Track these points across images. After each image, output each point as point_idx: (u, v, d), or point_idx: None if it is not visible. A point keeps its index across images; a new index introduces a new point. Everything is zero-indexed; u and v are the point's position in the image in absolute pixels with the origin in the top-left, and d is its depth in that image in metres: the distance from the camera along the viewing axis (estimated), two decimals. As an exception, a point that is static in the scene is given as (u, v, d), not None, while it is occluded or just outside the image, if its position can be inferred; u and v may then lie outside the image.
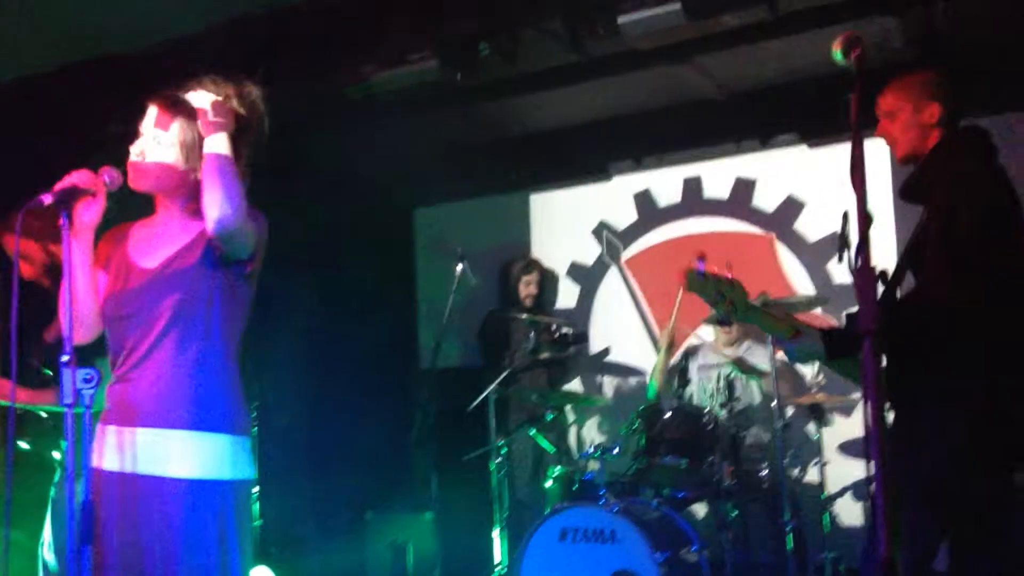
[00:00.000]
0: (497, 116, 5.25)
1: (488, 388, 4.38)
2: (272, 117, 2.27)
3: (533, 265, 5.14)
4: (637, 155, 5.46)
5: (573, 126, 5.35)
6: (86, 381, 1.90)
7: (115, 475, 2.03)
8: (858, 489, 4.54)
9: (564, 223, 5.66)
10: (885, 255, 4.29)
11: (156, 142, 2.14)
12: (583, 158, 5.49)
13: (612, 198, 5.54)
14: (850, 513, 4.58)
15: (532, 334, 4.71)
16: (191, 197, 2.16)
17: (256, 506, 4.77)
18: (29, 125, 4.40)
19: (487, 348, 5.07)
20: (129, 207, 2.23)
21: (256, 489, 4.76)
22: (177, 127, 2.14)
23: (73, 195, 1.99)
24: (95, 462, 1.98)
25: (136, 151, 2.15)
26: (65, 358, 1.91)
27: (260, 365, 4.69)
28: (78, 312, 2.04)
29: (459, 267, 4.49)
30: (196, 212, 2.15)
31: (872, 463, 1.70)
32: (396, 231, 6.01)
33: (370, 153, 5.22)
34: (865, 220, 1.92)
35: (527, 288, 5.03)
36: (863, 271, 1.85)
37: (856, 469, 4.57)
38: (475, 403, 4.47)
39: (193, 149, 2.14)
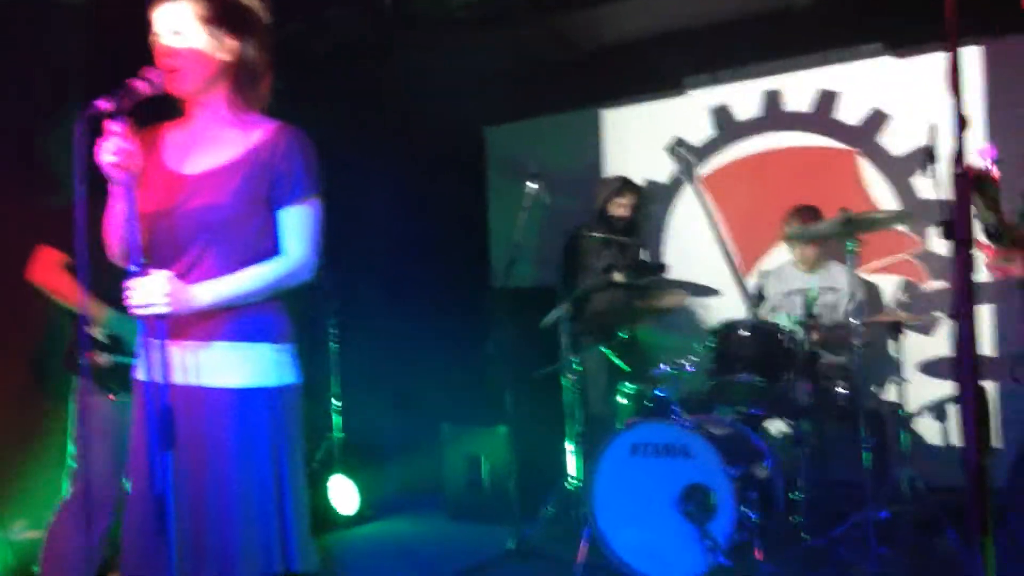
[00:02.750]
0: (569, 30, 5.13)
1: (562, 306, 4.39)
2: (343, 40, 2.21)
3: (628, 187, 4.90)
4: (713, 68, 5.31)
5: (646, 38, 5.21)
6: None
7: (177, 388, 2.01)
8: (937, 408, 4.47)
9: (637, 139, 5.57)
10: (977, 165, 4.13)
11: (175, 34, 2.02)
12: (657, 72, 5.35)
13: (687, 113, 5.41)
14: (929, 432, 4.51)
15: (609, 256, 4.66)
16: (229, 91, 2.08)
17: (338, 419, 4.93)
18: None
19: (567, 266, 5.02)
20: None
21: (339, 403, 4.92)
22: (189, 8, 2.02)
23: (131, 96, 1.91)
24: (145, 375, 1.97)
25: (161, 52, 2.02)
26: (134, 266, 1.91)
27: (339, 284, 4.79)
28: (125, 229, 1.99)
29: (531, 186, 4.45)
30: (237, 112, 2.09)
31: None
32: (468, 151, 5.99)
33: (441, 72, 5.18)
34: (962, 124, 1.84)
35: (619, 210, 4.86)
36: (959, 178, 1.78)
37: (936, 388, 4.49)
38: (548, 320, 4.49)
39: (217, 24, 2.02)
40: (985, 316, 4.48)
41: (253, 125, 2.10)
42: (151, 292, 1.90)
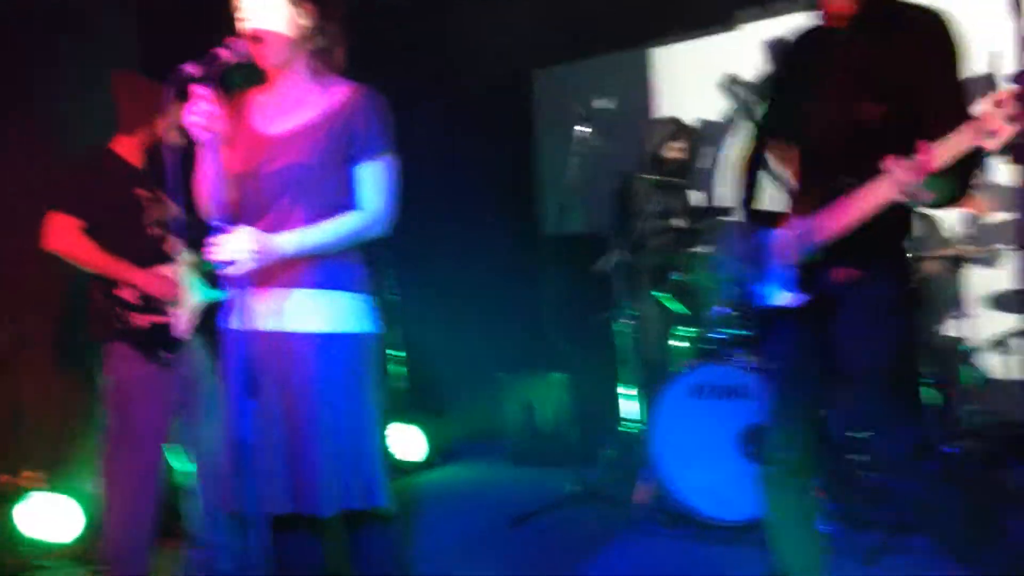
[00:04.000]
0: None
1: (615, 252, 4.37)
2: None
3: (683, 130, 4.80)
4: (765, 1, 5.15)
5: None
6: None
7: (261, 334, 2.16)
8: (1002, 342, 4.37)
9: (689, 78, 5.45)
10: None
11: (257, 8, 2.14)
12: (707, 6, 5.22)
13: (740, 48, 5.27)
14: (994, 366, 4.42)
15: (664, 200, 4.59)
16: (309, 57, 2.20)
17: (403, 370, 5.01)
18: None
19: (620, 211, 4.96)
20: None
21: (401, 354, 4.99)
22: (288, 10, 2.15)
23: (217, 64, 2.03)
24: (234, 323, 2.09)
25: (245, 25, 2.15)
26: (220, 223, 2.02)
27: (395, 235, 4.83)
28: (213, 187, 2.10)
29: (580, 129, 4.41)
30: (318, 74, 2.22)
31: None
32: (515, 95, 5.94)
33: (486, 16, 5.12)
34: (1023, 42, 1.78)
35: (673, 153, 4.74)
36: (1021, 97, 1.72)
37: (1000, 322, 4.39)
38: (601, 266, 4.48)
39: (297, 9, 2.15)
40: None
41: (332, 87, 2.23)
42: (237, 247, 2.01)
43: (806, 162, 2.31)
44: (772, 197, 2.52)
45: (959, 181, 2.00)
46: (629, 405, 4.36)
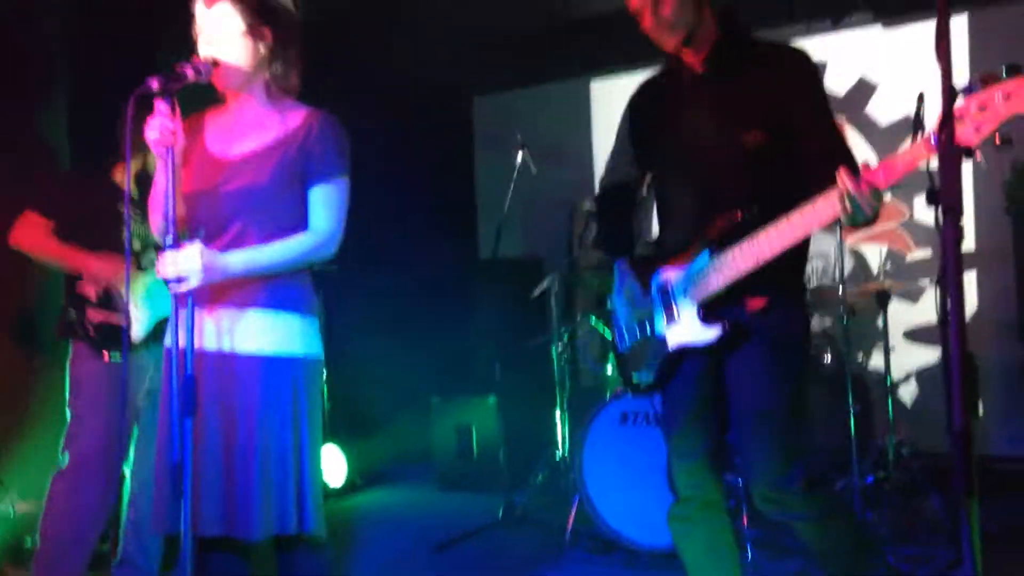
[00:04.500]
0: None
1: (551, 277, 4.40)
2: (325, 11, 2.28)
3: None
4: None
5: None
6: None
7: (206, 354, 2.15)
8: (922, 375, 4.52)
9: (626, 110, 5.55)
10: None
11: (217, 32, 2.16)
12: (647, 41, 5.32)
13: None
14: (913, 398, 4.57)
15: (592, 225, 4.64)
16: (266, 81, 2.23)
17: (325, 389, 4.94)
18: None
19: (569, 238, 4.93)
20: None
21: (325, 374, 4.92)
22: (230, 8, 2.15)
23: (179, 80, 2.04)
24: (173, 342, 2.05)
25: (205, 48, 2.17)
26: (169, 239, 2.01)
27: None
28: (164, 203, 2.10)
29: (519, 156, 4.44)
30: (274, 98, 2.24)
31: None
32: (455, 121, 5.96)
33: (427, 42, 5.14)
34: (950, 95, 1.84)
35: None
36: (947, 147, 1.78)
37: (922, 355, 4.54)
38: (537, 291, 4.50)
39: (255, 23, 2.17)
40: (971, 283, 4.52)
41: (289, 110, 2.24)
42: (185, 264, 2.00)
43: (686, 196, 2.28)
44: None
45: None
46: (560, 430, 4.37)
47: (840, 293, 3.55)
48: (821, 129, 2.13)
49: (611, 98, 5.62)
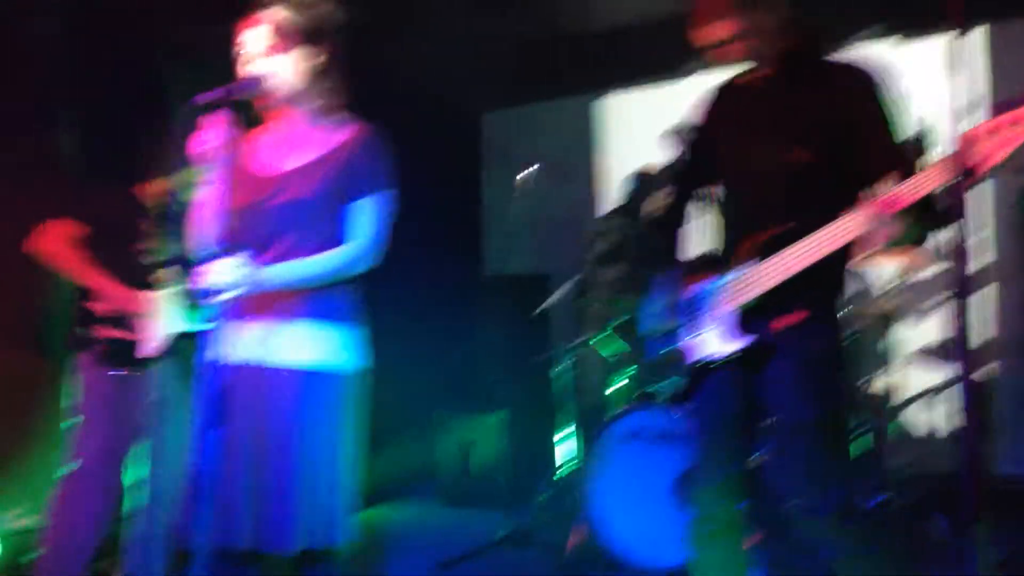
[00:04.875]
0: (565, 13, 5.10)
1: (556, 294, 4.38)
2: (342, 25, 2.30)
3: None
4: (712, 54, 5.27)
5: (645, 22, 5.17)
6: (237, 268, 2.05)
7: (244, 366, 2.16)
8: (928, 396, 4.47)
9: (636, 126, 5.54)
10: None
11: (262, 50, 2.19)
12: (656, 56, 5.32)
13: (687, 98, 5.38)
14: (920, 420, 4.52)
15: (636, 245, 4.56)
16: (312, 97, 2.25)
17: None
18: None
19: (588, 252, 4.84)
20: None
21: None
22: (275, 26, 2.19)
23: (230, 96, 2.07)
24: (225, 355, 2.10)
25: (251, 64, 2.20)
26: (215, 251, 2.05)
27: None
28: (212, 215, 2.14)
29: (526, 173, 4.43)
30: (320, 115, 2.27)
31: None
32: (462, 137, 5.97)
33: (435, 58, 5.15)
34: (957, 116, 1.83)
35: (655, 205, 4.66)
36: (956, 164, 1.77)
37: (926, 377, 4.49)
38: (542, 309, 4.49)
39: (300, 40, 2.20)
40: (990, 300, 4.49)
41: (335, 126, 2.28)
42: (227, 275, 2.02)
43: (735, 209, 2.32)
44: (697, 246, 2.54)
45: (927, 222, 2.01)
46: (565, 448, 4.34)
47: (843, 314, 3.51)
48: (879, 147, 2.10)
49: (620, 114, 5.62)
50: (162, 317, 3.16)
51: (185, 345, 3.27)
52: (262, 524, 2.08)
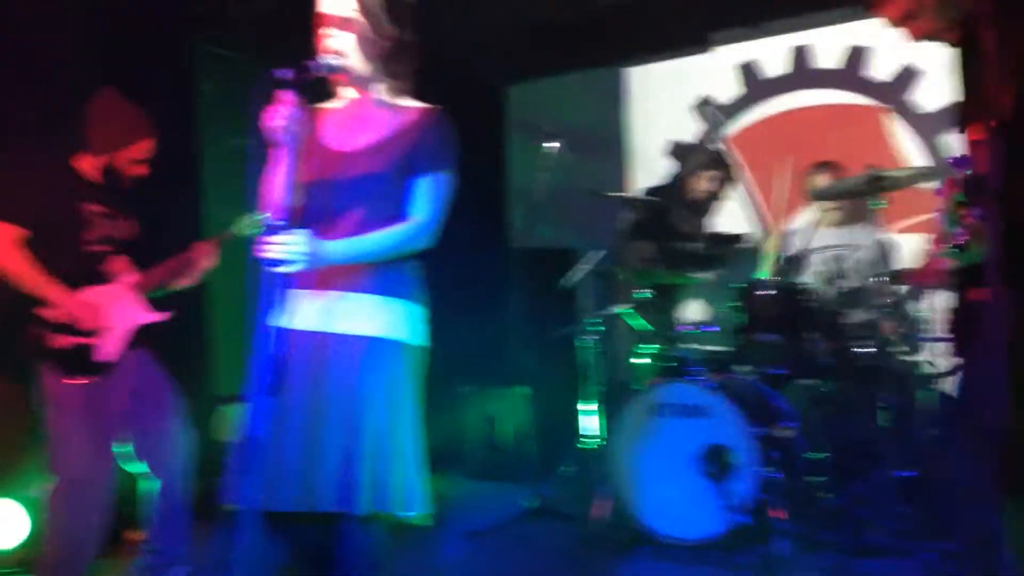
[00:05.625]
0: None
1: (581, 267, 4.35)
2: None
3: (719, 162, 4.60)
4: (740, 24, 5.18)
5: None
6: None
7: (305, 334, 2.20)
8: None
9: (662, 98, 5.48)
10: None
11: (341, 24, 2.19)
12: (682, 28, 5.24)
13: (714, 71, 5.31)
14: (955, 391, 4.44)
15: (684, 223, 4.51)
16: (384, 75, 2.26)
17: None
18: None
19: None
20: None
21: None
22: (360, 21, 2.20)
23: (307, 73, 2.07)
24: (286, 323, 2.14)
25: (328, 41, 2.20)
26: (281, 223, 2.03)
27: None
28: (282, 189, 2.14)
29: (550, 145, 4.39)
30: (390, 97, 2.27)
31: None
32: (487, 111, 5.93)
33: (459, 30, 5.10)
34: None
35: (704, 183, 4.55)
36: (992, 132, 1.72)
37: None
38: (569, 281, 4.45)
39: (378, 14, 2.21)
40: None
41: (404, 107, 2.29)
42: (291, 249, 2.03)
43: None
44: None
45: None
46: (589, 421, 4.32)
47: (878, 283, 3.46)
48: None
49: (647, 85, 5.54)
50: (120, 312, 3.09)
51: (154, 333, 3.22)
52: (315, 487, 2.10)
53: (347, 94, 2.32)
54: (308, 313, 2.21)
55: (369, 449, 2.11)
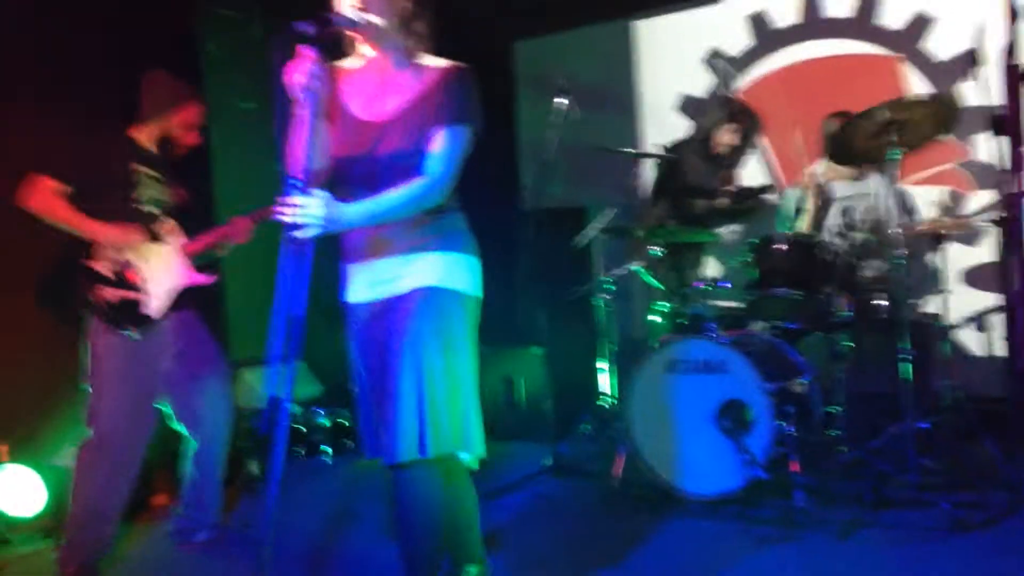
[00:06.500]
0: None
1: (595, 224, 4.34)
2: None
3: (741, 114, 4.56)
4: (750, -27, 5.10)
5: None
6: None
7: (362, 305, 2.26)
8: (979, 319, 4.39)
9: (672, 51, 5.41)
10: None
11: None
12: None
13: (723, 22, 5.23)
14: (970, 343, 4.44)
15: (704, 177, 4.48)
16: (403, 35, 2.20)
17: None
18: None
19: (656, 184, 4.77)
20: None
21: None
22: None
23: (329, 27, 2.03)
24: (347, 298, 2.26)
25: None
26: (299, 184, 1.99)
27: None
28: (316, 162, 2.15)
29: (560, 101, 4.34)
30: (409, 55, 2.22)
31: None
32: (496, 66, 5.86)
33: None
34: (1013, 16, 1.75)
35: (726, 135, 4.52)
36: (1009, 70, 1.70)
37: (978, 299, 4.40)
38: (581, 240, 4.45)
39: (403, 13, 2.17)
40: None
41: (425, 68, 2.23)
42: (306, 212, 2.00)
43: None
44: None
45: None
46: (607, 379, 4.35)
47: (894, 234, 3.43)
48: None
49: (656, 38, 5.47)
50: (165, 272, 3.15)
51: (199, 294, 3.27)
52: (381, 434, 2.15)
53: (366, 52, 2.25)
54: (362, 285, 2.25)
55: (429, 394, 2.11)
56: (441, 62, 2.25)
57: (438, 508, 2.21)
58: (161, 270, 3.15)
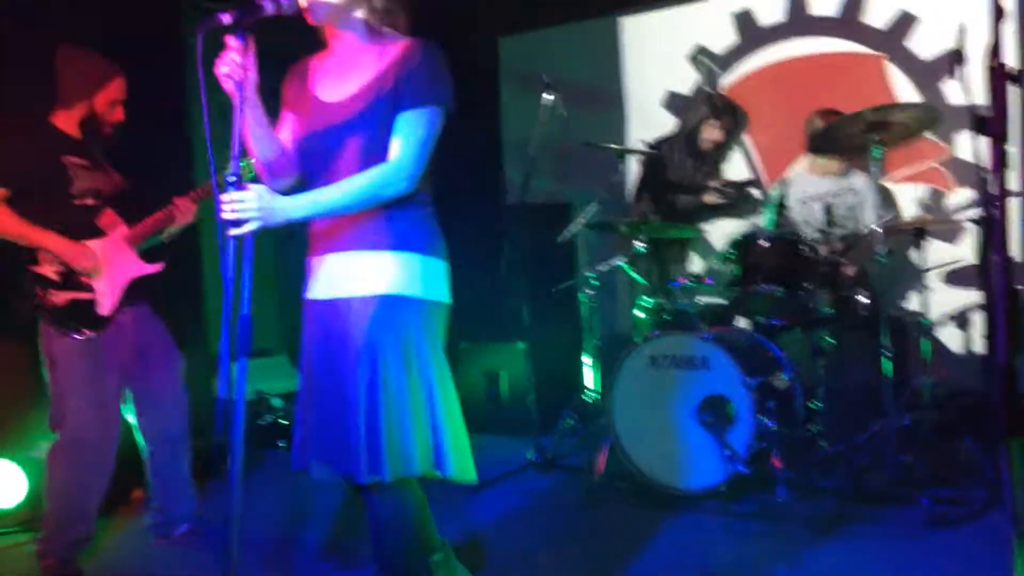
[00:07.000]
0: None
1: (579, 219, 4.34)
2: None
3: (727, 111, 4.68)
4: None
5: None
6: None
7: (319, 303, 2.12)
8: (960, 316, 4.42)
9: (657, 48, 5.41)
10: (1014, 57, 3.98)
11: None
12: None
13: (709, 19, 5.24)
14: (951, 340, 4.47)
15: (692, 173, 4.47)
16: (364, 16, 2.11)
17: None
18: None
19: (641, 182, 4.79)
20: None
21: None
22: None
23: (254, 14, 1.91)
24: (307, 294, 2.16)
25: None
26: (232, 178, 1.90)
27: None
28: (264, 153, 2.11)
29: (546, 97, 4.34)
30: (372, 34, 2.12)
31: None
32: (481, 62, 5.85)
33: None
34: (998, 15, 1.76)
35: (711, 132, 4.63)
36: (996, 71, 1.70)
37: (958, 297, 4.43)
38: (565, 235, 4.45)
39: None
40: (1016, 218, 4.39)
41: (388, 44, 2.11)
42: (242, 207, 1.90)
43: None
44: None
45: None
46: (590, 374, 4.35)
47: (875, 232, 3.45)
48: None
49: (642, 35, 5.47)
50: (112, 266, 3.05)
51: (152, 287, 3.18)
52: (330, 450, 2.03)
53: (332, 37, 2.15)
54: (318, 281, 2.12)
55: (386, 414, 1.98)
56: (405, 37, 2.13)
57: (410, 525, 2.12)
58: (108, 265, 3.03)
